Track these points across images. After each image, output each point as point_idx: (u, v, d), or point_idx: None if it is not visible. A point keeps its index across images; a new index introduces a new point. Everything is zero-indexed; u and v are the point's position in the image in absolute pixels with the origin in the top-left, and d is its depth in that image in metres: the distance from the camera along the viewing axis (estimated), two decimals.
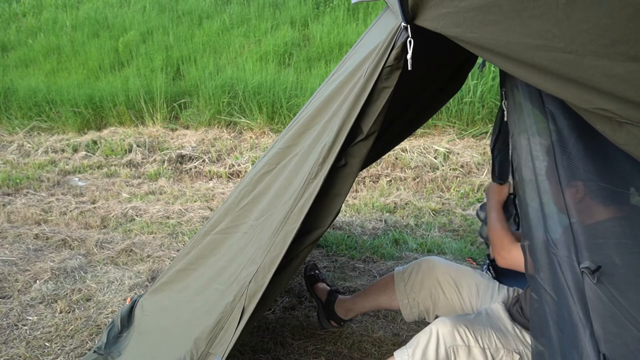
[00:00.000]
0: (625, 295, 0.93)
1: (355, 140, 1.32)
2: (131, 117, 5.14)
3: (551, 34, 0.81)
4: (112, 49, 6.28)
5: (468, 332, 1.41)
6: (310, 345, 2.02)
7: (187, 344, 1.47)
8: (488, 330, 1.44)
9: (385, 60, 1.21)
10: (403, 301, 1.80)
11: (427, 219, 3.28)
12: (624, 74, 0.75)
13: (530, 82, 0.91)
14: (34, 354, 1.99)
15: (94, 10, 7.47)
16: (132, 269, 2.63)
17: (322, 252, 2.84)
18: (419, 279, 1.79)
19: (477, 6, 0.91)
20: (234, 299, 1.42)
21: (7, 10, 8.08)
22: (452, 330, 1.40)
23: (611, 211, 1.02)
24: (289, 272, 1.43)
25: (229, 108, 4.92)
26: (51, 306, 2.31)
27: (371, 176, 3.95)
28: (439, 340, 1.39)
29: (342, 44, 5.55)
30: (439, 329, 1.41)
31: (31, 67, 6.47)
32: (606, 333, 0.94)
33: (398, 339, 2.07)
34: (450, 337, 1.40)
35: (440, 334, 1.40)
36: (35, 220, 3.29)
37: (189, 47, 6.00)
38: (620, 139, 0.82)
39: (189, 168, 4.30)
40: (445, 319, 1.44)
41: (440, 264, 1.79)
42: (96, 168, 4.38)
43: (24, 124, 5.35)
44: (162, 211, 3.37)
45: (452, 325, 1.41)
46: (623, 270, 0.96)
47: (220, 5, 7.03)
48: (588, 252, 0.99)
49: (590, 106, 0.82)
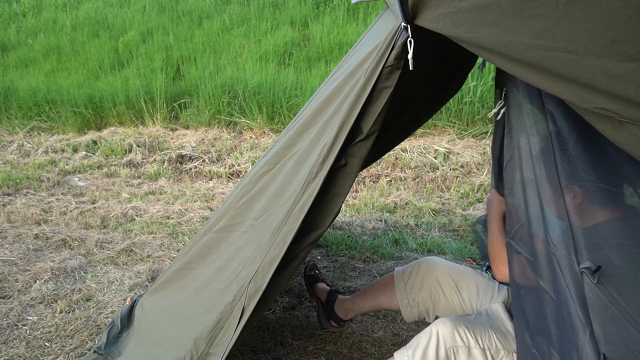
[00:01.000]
0: (624, 295, 0.93)
1: (355, 140, 1.32)
2: (131, 117, 5.14)
3: (551, 34, 0.81)
4: (112, 49, 6.28)
5: (468, 332, 1.41)
6: (310, 345, 2.02)
7: (187, 344, 1.47)
8: (488, 330, 1.44)
9: (385, 60, 1.21)
10: (403, 301, 1.80)
11: (427, 219, 3.28)
12: (624, 73, 0.75)
13: (530, 82, 0.91)
14: (34, 354, 1.99)
15: (94, 10, 7.47)
16: (132, 269, 2.62)
17: (322, 252, 2.84)
18: (418, 279, 1.79)
19: (477, 6, 0.91)
20: (233, 298, 1.42)
21: (7, 10, 8.08)
22: (452, 331, 1.40)
23: (610, 212, 1.02)
24: (289, 272, 1.43)
25: (229, 108, 4.92)
26: (51, 306, 2.31)
27: (371, 176, 3.95)
28: (439, 341, 1.39)
29: (342, 44, 5.55)
30: (439, 329, 1.41)
31: (31, 67, 6.46)
32: (606, 333, 0.94)
33: (398, 339, 2.07)
34: (451, 337, 1.39)
35: (440, 335, 1.40)
36: (35, 220, 3.29)
37: (189, 47, 6.00)
38: (621, 138, 0.82)
39: (189, 168, 4.30)
40: (445, 320, 1.44)
41: (440, 264, 1.78)
42: (96, 168, 4.38)
43: (24, 124, 5.35)
44: (162, 211, 3.37)
45: (452, 326, 1.41)
46: (622, 271, 0.96)
47: (220, 5, 7.03)
48: (587, 252, 0.99)
49: (590, 106, 0.82)
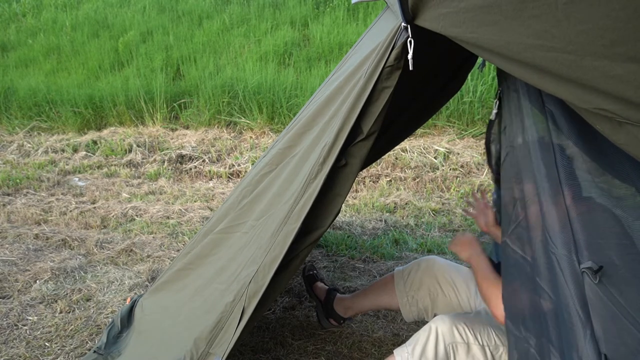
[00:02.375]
0: (625, 295, 0.93)
1: (356, 140, 1.32)
2: (131, 117, 5.14)
3: (551, 34, 0.81)
4: (112, 49, 6.28)
5: (467, 329, 1.41)
6: (310, 345, 2.02)
7: (187, 344, 1.47)
8: (487, 328, 1.44)
9: (385, 60, 1.21)
10: (402, 299, 1.81)
11: (427, 219, 3.28)
12: (624, 74, 0.75)
13: (529, 82, 0.91)
14: (34, 354, 1.99)
15: (93, 10, 7.47)
16: (132, 269, 2.63)
17: (322, 252, 2.84)
18: (418, 277, 1.80)
19: (477, 6, 0.91)
20: (234, 298, 1.42)
21: (7, 10, 8.08)
22: (451, 328, 1.41)
23: (611, 212, 1.02)
24: (289, 272, 1.43)
25: (229, 108, 4.92)
26: (51, 306, 2.31)
27: (371, 176, 3.95)
28: (438, 337, 1.40)
29: (342, 44, 5.55)
30: (438, 326, 1.42)
31: (31, 67, 6.46)
32: (606, 333, 0.94)
33: (398, 339, 2.07)
34: (450, 334, 1.40)
35: (439, 332, 1.41)
36: (35, 220, 3.29)
37: (189, 47, 6.00)
38: (620, 139, 0.82)
39: (189, 168, 4.30)
40: (444, 317, 1.44)
41: (440, 263, 1.80)
42: (96, 168, 4.38)
43: (24, 124, 5.35)
44: (162, 211, 3.37)
45: (451, 322, 1.42)
46: (623, 270, 0.96)
47: (220, 5, 7.03)
48: (588, 251, 0.99)
49: (590, 106, 0.82)
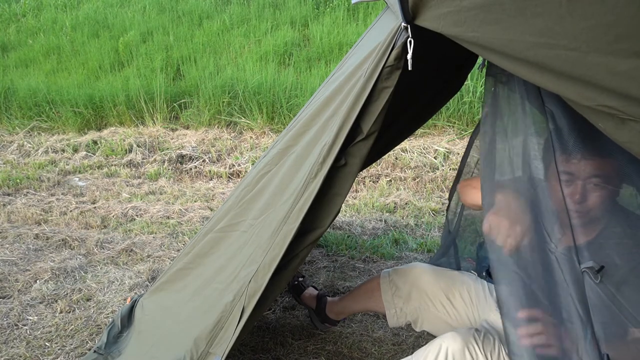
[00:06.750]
0: (625, 295, 0.93)
1: (355, 140, 1.31)
2: (131, 117, 5.14)
3: (554, 32, 0.80)
4: (112, 49, 6.28)
5: (478, 349, 1.35)
6: (310, 345, 2.02)
7: (187, 344, 1.47)
8: (497, 345, 1.39)
9: (385, 60, 1.21)
10: (390, 310, 1.76)
11: (427, 219, 3.27)
12: (628, 70, 0.75)
13: (531, 81, 0.91)
14: (34, 353, 1.99)
15: (93, 10, 7.46)
16: (132, 268, 2.62)
17: (322, 252, 2.84)
18: (406, 289, 1.73)
19: (478, 5, 0.91)
20: (233, 298, 1.41)
21: (7, 10, 8.07)
22: (463, 348, 1.34)
23: (611, 212, 1.02)
24: (288, 271, 1.43)
25: (229, 108, 4.92)
26: (51, 306, 2.30)
27: (371, 176, 3.95)
28: (447, 357, 1.34)
29: (342, 44, 5.54)
30: (449, 346, 1.35)
31: (31, 67, 6.46)
32: (607, 333, 0.94)
33: (398, 338, 2.06)
34: (460, 354, 1.34)
35: (449, 352, 1.34)
36: (35, 220, 3.28)
37: (189, 47, 5.99)
38: (623, 136, 0.82)
39: (189, 168, 4.30)
40: (455, 335, 1.37)
41: (428, 274, 1.72)
42: (96, 168, 4.37)
43: (24, 124, 5.35)
44: (162, 211, 3.37)
45: (463, 342, 1.35)
46: (623, 270, 0.96)
47: (220, 5, 7.03)
48: (588, 251, 0.99)
49: (593, 103, 0.82)
